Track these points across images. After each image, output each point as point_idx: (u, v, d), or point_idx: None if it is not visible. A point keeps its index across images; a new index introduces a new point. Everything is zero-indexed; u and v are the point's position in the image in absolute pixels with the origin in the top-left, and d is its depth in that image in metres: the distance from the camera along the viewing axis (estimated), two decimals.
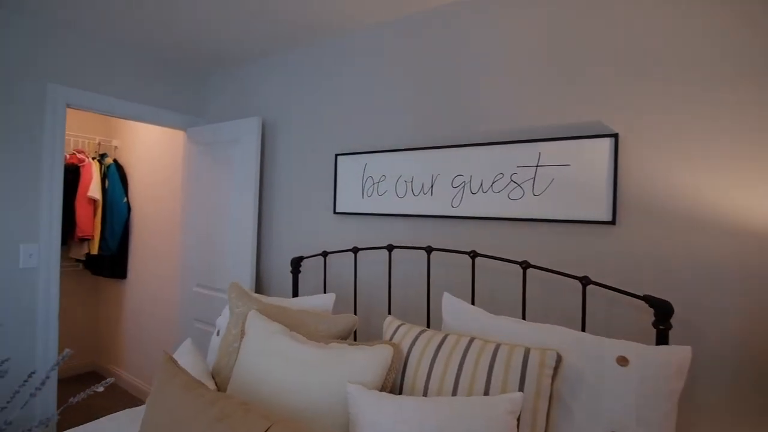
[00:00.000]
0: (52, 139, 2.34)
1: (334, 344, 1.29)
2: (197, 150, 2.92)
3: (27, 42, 2.21)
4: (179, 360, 1.56)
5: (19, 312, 2.20)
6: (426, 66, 2.03)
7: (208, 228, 2.80)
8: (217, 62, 2.83)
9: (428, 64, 2.02)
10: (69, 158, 3.50)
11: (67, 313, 3.69)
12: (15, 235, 2.19)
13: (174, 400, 1.08)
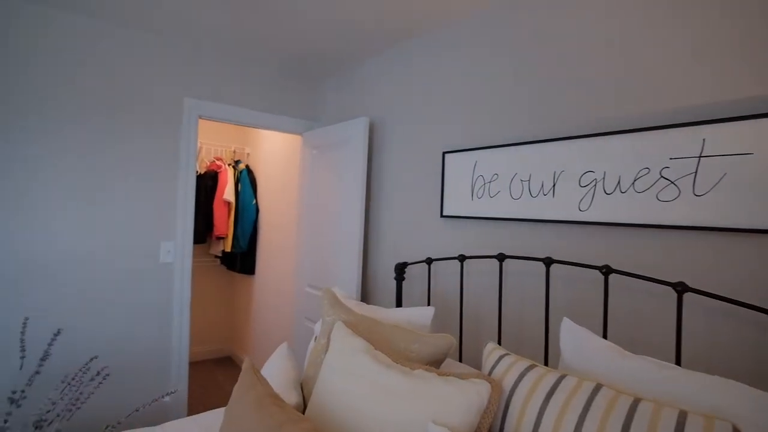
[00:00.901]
0: (187, 148, 2.60)
1: (420, 371, 1.11)
2: (311, 153, 3.00)
3: (166, 61, 2.49)
4: (272, 364, 1.54)
5: (159, 300, 2.48)
6: (540, 40, 1.72)
7: (319, 230, 2.85)
8: (328, 67, 2.87)
9: (543, 38, 1.71)
10: (209, 165, 3.94)
11: (206, 303, 4.17)
12: (156, 233, 2.48)
13: (245, 416, 1.02)
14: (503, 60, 1.88)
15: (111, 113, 2.31)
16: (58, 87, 2.17)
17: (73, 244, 2.22)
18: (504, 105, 1.87)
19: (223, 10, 2.12)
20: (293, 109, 3.02)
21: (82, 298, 2.24)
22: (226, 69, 2.71)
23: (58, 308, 2.16)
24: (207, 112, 2.68)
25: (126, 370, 2.36)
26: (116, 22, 2.29)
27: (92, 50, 2.25)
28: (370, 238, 2.60)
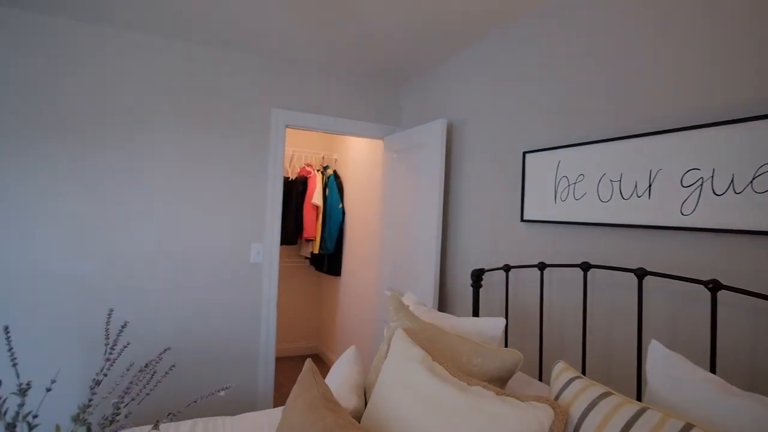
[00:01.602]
0: (275, 156, 2.78)
1: (478, 388, 1.03)
2: (391, 157, 3.02)
3: (255, 75, 2.68)
4: (337, 367, 1.56)
5: (248, 299, 2.68)
6: (629, 20, 1.51)
7: (398, 234, 2.85)
8: (408, 70, 2.86)
9: (633, 18, 1.50)
10: (300, 171, 4.18)
11: (296, 301, 4.41)
12: (247, 235, 2.68)
13: (298, 417, 1.04)
14: (585, 47, 1.70)
15: (206, 125, 2.56)
16: (155, 104, 2.46)
17: (172, 244, 2.49)
18: (589, 98, 1.69)
19: (303, 26, 2.22)
20: (374, 114, 3.07)
21: (178, 294, 2.50)
22: (309, 79, 2.84)
23: (155, 302, 2.45)
24: (293, 121, 2.84)
25: (216, 362, 2.58)
26: (208, 42, 2.53)
27: (186, 68, 2.52)
28: (448, 242, 2.53)
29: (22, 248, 2.18)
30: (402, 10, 2.03)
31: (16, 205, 2.18)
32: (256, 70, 2.68)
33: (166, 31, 2.37)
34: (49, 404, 0.88)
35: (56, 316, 2.23)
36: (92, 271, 2.30)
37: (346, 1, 1.97)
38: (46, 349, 2.18)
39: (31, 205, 2.20)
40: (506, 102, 2.13)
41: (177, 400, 2.36)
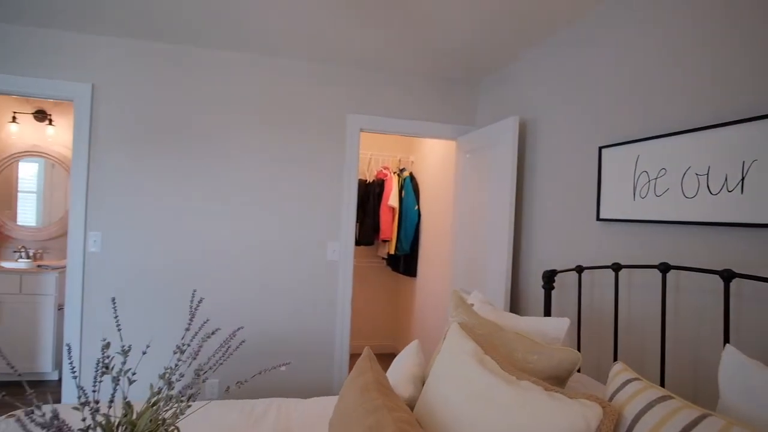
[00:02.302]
0: (350, 159, 2.93)
1: (527, 383, 1.02)
2: (464, 158, 3.02)
3: (331, 84, 2.86)
4: (399, 359, 1.62)
5: (324, 293, 2.85)
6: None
7: (470, 234, 2.84)
8: (480, 70, 2.85)
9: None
10: (377, 174, 4.32)
11: (373, 300, 4.55)
12: (324, 234, 2.86)
13: (350, 397, 1.12)
14: (662, 36, 1.57)
15: (287, 132, 2.79)
16: (244, 114, 2.73)
17: (255, 240, 2.74)
18: (669, 87, 1.56)
19: (375, 36, 2.33)
20: (448, 115, 3.09)
21: (260, 285, 2.74)
22: (383, 85, 2.95)
23: (239, 291, 2.71)
24: (368, 125, 2.97)
25: (293, 351, 2.77)
26: (288, 56, 2.75)
27: (270, 80, 2.76)
28: (521, 243, 2.46)
29: (130, 241, 2.57)
30: (471, 12, 2.04)
31: (141, 203, 2.57)
32: (332, 79, 2.86)
33: (253, 49, 2.63)
34: (144, 365, 1.05)
35: (153, 296, 2.58)
36: (186, 261, 2.63)
37: (416, 10, 2.03)
38: (143, 322, 2.53)
39: (146, 205, 2.59)
40: (580, 97, 2.04)
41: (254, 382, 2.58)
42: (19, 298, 3.38)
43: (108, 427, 0.91)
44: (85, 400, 0.92)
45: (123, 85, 2.57)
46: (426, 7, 2.02)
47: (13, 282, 3.40)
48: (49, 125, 3.92)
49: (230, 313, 2.64)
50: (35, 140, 3.93)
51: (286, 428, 1.46)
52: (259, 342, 2.66)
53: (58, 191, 4.04)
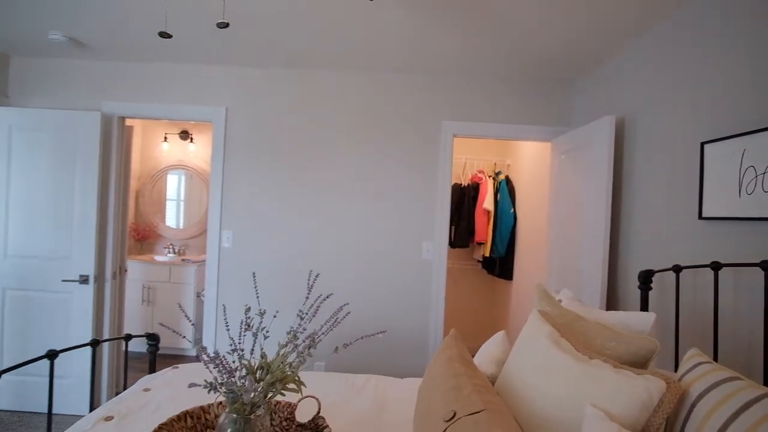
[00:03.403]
0: (444, 163, 3.13)
1: (597, 361, 1.12)
2: (559, 159, 3.04)
3: (425, 93, 3.09)
4: (485, 345, 1.78)
5: (419, 290, 3.08)
6: None
7: (565, 235, 2.85)
8: (574, 71, 2.86)
9: None
10: (472, 177, 4.45)
11: (468, 302, 4.65)
12: (419, 234, 3.09)
13: (437, 366, 1.32)
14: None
15: (386, 140, 3.08)
16: (344, 125, 3.07)
17: (357, 237, 3.07)
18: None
19: (467, 43, 2.51)
20: (542, 116, 3.13)
21: (361, 279, 3.05)
22: (476, 89, 3.10)
23: (343, 282, 3.04)
24: (461, 130, 3.14)
25: (388, 343, 3.02)
26: (382, 70, 3.05)
27: (366, 93, 3.08)
28: (619, 243, 2.43)
29: (255, 238, 3.06)
30: (563, 12, 2.12)
31: (263, 205, 3.07)
32: (428, 88, 3.09)
33: (356, 66, 2.98)
34: (275, 325, 1.36)
35: (274, 282, 3.02)
36: (298, 254, 3.04)
37: (510, 16, 2.16)
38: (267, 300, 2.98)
39: (267, 207, 3.07)
40: (679, 92, 2.00)
41: (354, 365, 2.89)
42: (167, 285, 4.17)
43: (250, 368, 1.23)
44: (235, 348, 1.26)
45: (248, 106, 3.09)
46: (520, 13, 2.13)
47: (163, 272, 4.20)
48: (191, 143, 4.76)
49: (334, 304, 2.99)
50: (180, 156, 4.79)
51: (383, 398, 1.71)
52: (358, 331, 2.97)
53: (195, 198, 4.86)
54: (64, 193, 2.97)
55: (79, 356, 2.55)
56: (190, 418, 1.32)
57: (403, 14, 2.17)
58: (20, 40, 2.82)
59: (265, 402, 1.20)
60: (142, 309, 4.15)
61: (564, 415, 1.05)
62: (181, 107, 3.14)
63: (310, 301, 1.41)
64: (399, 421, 1.52)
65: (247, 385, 1.13)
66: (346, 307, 1.43)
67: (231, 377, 1.17)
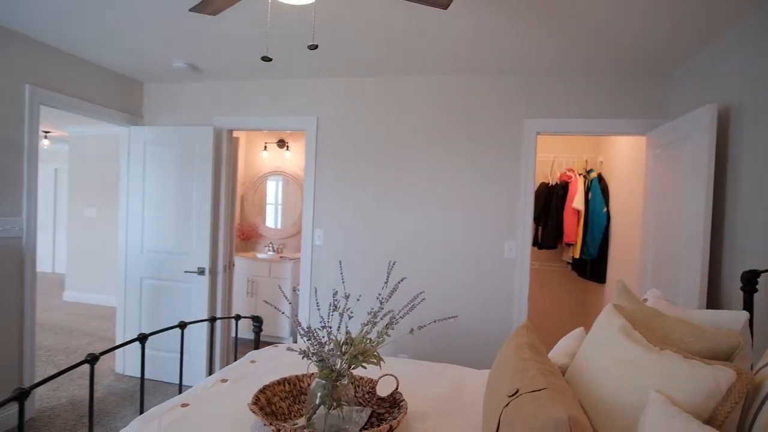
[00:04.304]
0: (526, 162, 3.14)
1: (668, 351, 1.13)
2: (654, 154, 2.89)
3: (506, 93, 3.13)
4: (563, 341, 1.81)
5: (500, 289, 3.12)
6: None
7: (662, 234, 2.72)
8: (671, 59, 2.70)
9: None
10: (560, 176, 4.33)
11: (556, 305, 4.52)
12: (501, 233, 3.13)
13: (506, 353, 1.41)
14: None
15: (466, 140, 3.17)
16: (426, 126, 3.21)
17: (437, 236, 3.19)
18: None
19: (551, 39, 2.53)
20: (634, 109, 3.00)
21: (441, 274, 3.17)
22: (561, 85, 3.07)
23: (427, 276, 3.17)
24: (544, 128, 3.13)
25: (469, 338, 3.10)
26: (462, 72, 3.14)
27: (447, 94, 3.19)
28: (723, 242, 2.28)
29: (343, 236, 3.33)
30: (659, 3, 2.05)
31: (350, 206, 3.34)
32: (509, 87, 3.14)
33: (437, 71, 3.13)
34: (358, 309, 1.55)
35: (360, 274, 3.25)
36: (382, 251, 3.25)
37: (593, 7, 2.15)
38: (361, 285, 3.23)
39: (354, 207, 3.33)
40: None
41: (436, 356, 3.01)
42: (268, 280, 4.65)
43: (336, 342, 1.43)
44: (324, 325, 1.47)
45: (336, 113, 3.39)
46: (607, 4, 2.11)
47: (264, 268, 4.69)
48: (287, 150, 5.25)
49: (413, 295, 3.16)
50: (277, 163, 5.31)
51: (459, 383, 1.83)
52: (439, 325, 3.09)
53: (291, 201, 5.34)
54: (185, 198, 3.51)
55: (197, 337, 3.01)
56: (287, 384, 1.57)
57: (482, 17, 2.26)
58: (151, 70, 3.41)
59: (349, 372, 1.40)
60: (247, 300, 4.69)
61: (630, 401, 1.09)
62: (279, 118, 3.54)
63: (390, 289, 1.58)
64: (473, 402, 1.63)
65: (333, 350, 1.33)
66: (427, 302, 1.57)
67: (321, 348, 1.39)
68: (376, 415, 1.53)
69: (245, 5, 2.01)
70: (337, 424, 1.39)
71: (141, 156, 3.61)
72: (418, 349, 3.01)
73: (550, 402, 1.01)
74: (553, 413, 0.94)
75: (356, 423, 1.46)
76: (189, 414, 1.47)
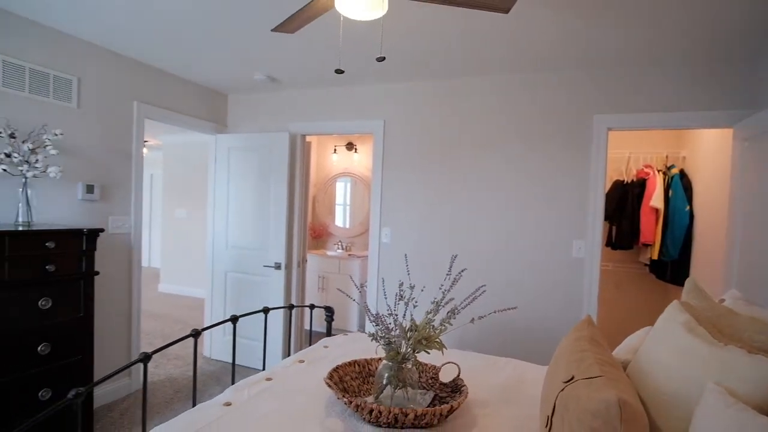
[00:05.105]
0: (596, 159, 3.08)
1: (731, 346, 1.13)
2: (741, 147, 2.73)
3: (575, 90, 3.09)
4: (629, 339, 1.81)
5: (568, 289, 3.09)
6: None
7: (750, 233, 2.56)
8: (758, 46, 2.54)
9: None
10: (637, 173, 4.15)
11: (631, 309, 4.32)
12: (569, 232, 3.11)
13: (565, 345, 1.47)
14: None
15: (532, 138, 3.18)
16: (490, 126, 3.25)
17: (505, 234, 3.21)
18: None
19: (619, 33, 2.49)
20: (715, 101, 2.85)
21: (506, 272, 3.19)
22: (632, 78, 2.99)
23: (493, 274, 3.21)
24: (616, 123, 3.06)
25: (533, 333, 3.09)
26: (524, 71, 3.14)
27: (511, 92, 3.21)
28: None
29: (409, 234, 3.46)
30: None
31: (416, 205, 3.48)
32: (576, 84, 3.10)
33: (501, 70, 3.17)
34: (421, 299, 1.68)
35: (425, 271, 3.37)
36: (447, 249, 3.33)
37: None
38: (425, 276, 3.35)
39: (419, 206, 3.46)
40: None
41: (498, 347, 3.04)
42: (337, 276, 4.92)
43: (402, 328, 1.57)
44: (390, 312, 1.62)
45: (402, 116, 3.54)
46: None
47: (334, 265, 4.97)
48: (355, 153, 5.51)
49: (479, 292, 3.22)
50: (346, 165, 5.58)
51: (521, 376, 1.89)
52: (504, 323, 3.13)
53: (358, 201, 5.59)
54: (264, 198, 3.85)
55: (273, 327, 3.29)
56: (357, 365, 1.74)
57: (549, 13, 2.29)
58: (234, 83, 3.78)
59: (414, 356, 1.53)
60: (318, 294, 5.00)
61: (688, 393, 1.11)
62: (348, 122, 3.77)
63: (452, 284, 1.69)
64: (533, 394, 1.69)
65: (398, 334, 1.47)
66: (488, 297, 1.67)
67: (388, 332, 1.54)
68: (439, 399, 1.65)
69: (319, 22, 2.22)
70: (402, 404, 1.53)
71: (225, 161, 4.01)
72: (481, 344, 3.07)
73: (602, 386, 1.07)
74: (605, 395, 1.01)
75: (419, 404, 1.59)
76: (272, 386, 1.69)
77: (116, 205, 3.14)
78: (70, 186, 2.82)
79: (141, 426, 2.20)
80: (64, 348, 2.31)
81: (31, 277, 2.16)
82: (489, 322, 1.76)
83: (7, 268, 2.05)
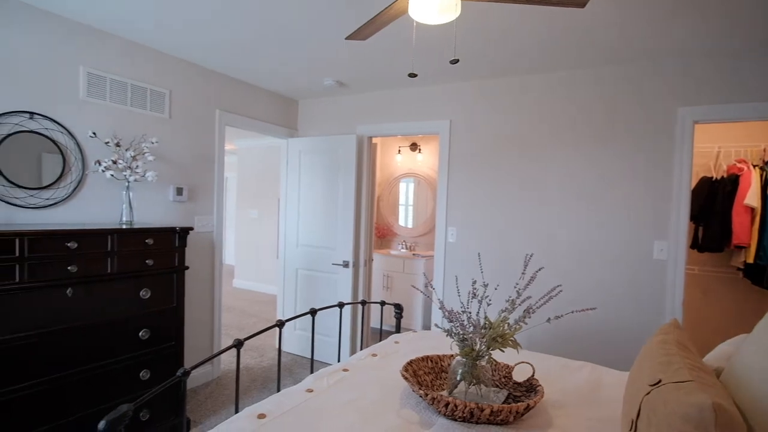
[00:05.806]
0: (681, 155, 2.90)
1: None
2: None
3: (659, 78, 2.92)
4: (722, 345, 1.70)
5: (648, 291, 2.93)
6: None
7: None
8: None
9: None
10: (728, 169, 3.83)
11: (724, 315, 3.98)
12: (650, 233, 2.95)
13: (650, 347, 1.42)
14: None
15: (608, 136, 3.05)
16: (562, 124, 3.15)
17: (579, 235, 3.11)
18: None
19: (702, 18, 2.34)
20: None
21: (579, 273, 3.08)
22: (721, 69, 2.78)
23: (565, 274, 3.11)
24: (704, 116, 2.87)
25: (610, 336, 2.96)
26: (607, 65, 3.01)
27: (589, 88, 3.09)
28: None
29: (475, 234, 3.45)
30: None
31: (482, 204, 3.47)
32: (657, 76, 2.94)
33: (570, 66, 3.07)
34: (495, 296, 1.69)
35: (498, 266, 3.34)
36: (515, 250, 3.29)
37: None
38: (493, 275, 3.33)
39: (486, 206, 3.44)
40: None
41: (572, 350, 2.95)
42: (402, 275, 4.99)
43: (477, 324, 1.59)
44: (464, 309, 1.65)
45: (467, 116, 3.54)
46: None
47: (398, 264, 5.04)
48: (419, 153, 5.55)
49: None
50: (410, 165, 5.64)
51: (597, 380, 1.84)
52: (580, 325, 3.03)
53: (422, 201, 5.63)
54: (332, 198, 4.00)
55: (343, 322, 3.40)
56: (430, 361, 1.78)
57: (629, 2, 2.20)
58: (305, 89, 3.97)
59: (488, 353, 1.55)
60: (383, 293, 5.10)
61: None
62: (414, 124, 3.82)
63: (527, 279, 1.69)
64: (610, 398, 1.64)
65: (474, 331, 1.50)
66: (563, 297, 1.65)
67: (462, 329, 1.57)
68: (513, 397, 1.65)
69: (391, 27, 2.29)
70: (476, 400, 1.56)
71: (296, 163, 4.22)
72: (555, 346, 2.99)
73: (694, 390, 1.04)
74: (698, 399, 0.98)
75: (493, 401, 1.60)
76: (349, 376, 1.78)
77: (201, 206, 3.42)
78: (163, 189, 3.11)
79: (232, 405, 2.39)
80: (160, 334, 2.57)
81: (134, 270, 2.42)
82: (561, 323, 1.72)
83: (115, 261, 2.32)
